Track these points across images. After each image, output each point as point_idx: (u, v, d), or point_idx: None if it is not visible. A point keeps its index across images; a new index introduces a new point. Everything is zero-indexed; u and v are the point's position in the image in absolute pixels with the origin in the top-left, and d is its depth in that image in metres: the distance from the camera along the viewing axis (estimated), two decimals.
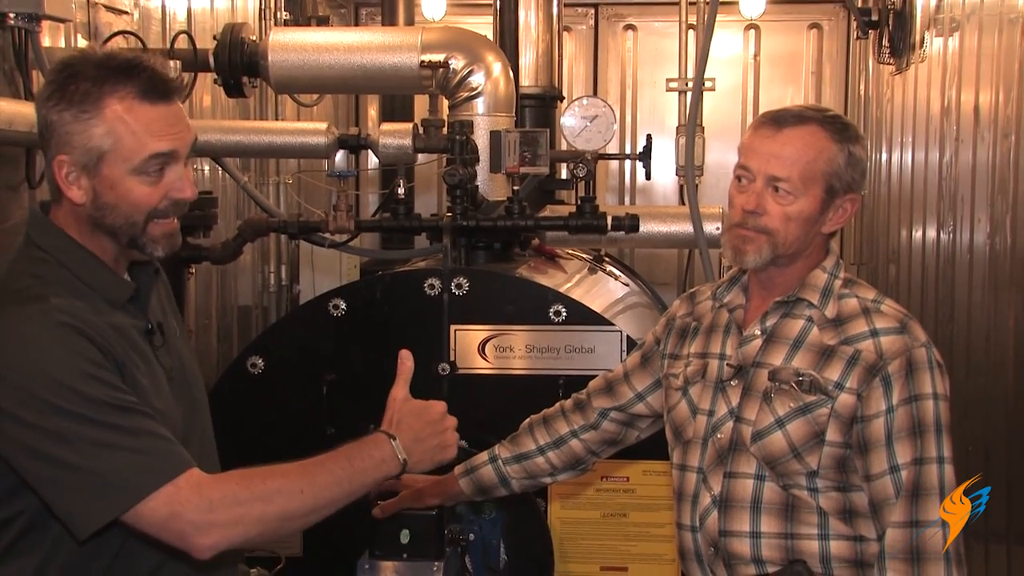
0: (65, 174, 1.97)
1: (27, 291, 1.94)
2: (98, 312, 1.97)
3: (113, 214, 1.99)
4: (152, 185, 1.99)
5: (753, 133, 2.29)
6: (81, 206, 1.99)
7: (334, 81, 4.02)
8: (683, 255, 6.77)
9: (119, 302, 2.04)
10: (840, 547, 2.22)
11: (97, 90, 1.95)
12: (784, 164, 2.22)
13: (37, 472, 1.87)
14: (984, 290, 4.23)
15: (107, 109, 1.95)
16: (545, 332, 3.28)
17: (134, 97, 1.96)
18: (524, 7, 4.57)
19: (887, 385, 2.17)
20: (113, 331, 1.97)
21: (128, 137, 1.95)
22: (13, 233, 3.38)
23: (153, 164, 1.98)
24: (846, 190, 2.26)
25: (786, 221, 2.24)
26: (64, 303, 1.92)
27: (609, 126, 3.81)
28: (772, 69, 7.49)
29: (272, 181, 6.10)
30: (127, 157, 1.96)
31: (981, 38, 4.33)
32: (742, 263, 2.30)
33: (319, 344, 3.33)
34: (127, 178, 1.97)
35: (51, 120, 1.97)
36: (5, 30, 3.30)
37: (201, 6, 5.14)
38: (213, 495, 1.91)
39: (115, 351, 1.94)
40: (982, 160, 4.27)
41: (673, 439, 2.43)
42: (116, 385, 1.90)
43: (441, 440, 2.24)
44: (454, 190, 3.54)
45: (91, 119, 1.94)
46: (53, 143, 1.98)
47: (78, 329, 1.90)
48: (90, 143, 1.95)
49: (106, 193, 1.98)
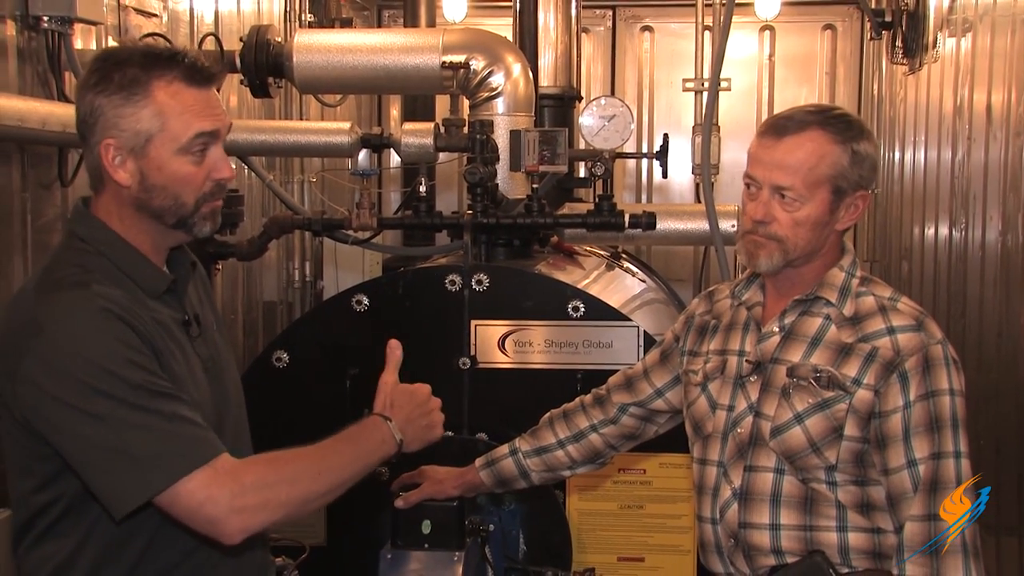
0: (112, 157, 2.01)
1: (70, 278, 1.97)
2: (136, 301, 2.00)
3: (161, 195, 2.03)
4: (196, 165, 2.04)
5: (757, 142, 2.28)
6: (127, 189, 2.03)
7: (357, 81, 4.03)
8: (699, 252, 6.75)
9: (156, 292, 2.07)
10: (858, 539, 2.21)
11: (145, 75, 2.00)
12: (787, 173, 2.21)
13: (77, 453, 1.90)
14: (996, 287, 4.20)
15: (156, 91, 2.00)
16: (563, 327, 3.28)
17: (180, 81, 2.02)
18: (543, 9, 4.56)
19: (904, 381, 2.16)
20: (151, 320, 2.00)
21: (175, 118, 2.01)
22: (46, 230, 3.40)
23: (198, 144, 2.03)
24: (855, 188, 2.25)
25: (795, 227, 2.23)
26: (105, 290, 1.95)
27: (626, 125, 3.80)
28: (787, 69, 7.46)
29: (297, 179, 6.12)
30: (174, 137, 2.01)
31: (993, 38, 4.30)
32: (756, 268, 2.30)
33: (342, 339, 3.34)
34: (174, 158, 2.02)
35: (97, 104, 2.00)
36: (39, 33, 3.32)
37: (228, 9, 5.16)
38: (246, 479, 1.93)
39: (152, 339, 1.97)
40: (994, 159, 4.24)
41: (693, 434, 2.42)
42: (153, 371, 1.93)
43: (429, 420, 2.32)
44: (474, 188, 3.54)
45: (140, 101, 1.99)
46: (99, 127, 2.01)
47: (119, 315, 1.93)
48: (139, 125, 2.00)
49: (153, 174, 2.02)
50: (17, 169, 3.27)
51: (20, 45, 3.26)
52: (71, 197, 3.53)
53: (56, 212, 3.47)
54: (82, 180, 3.55)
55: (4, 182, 3.22)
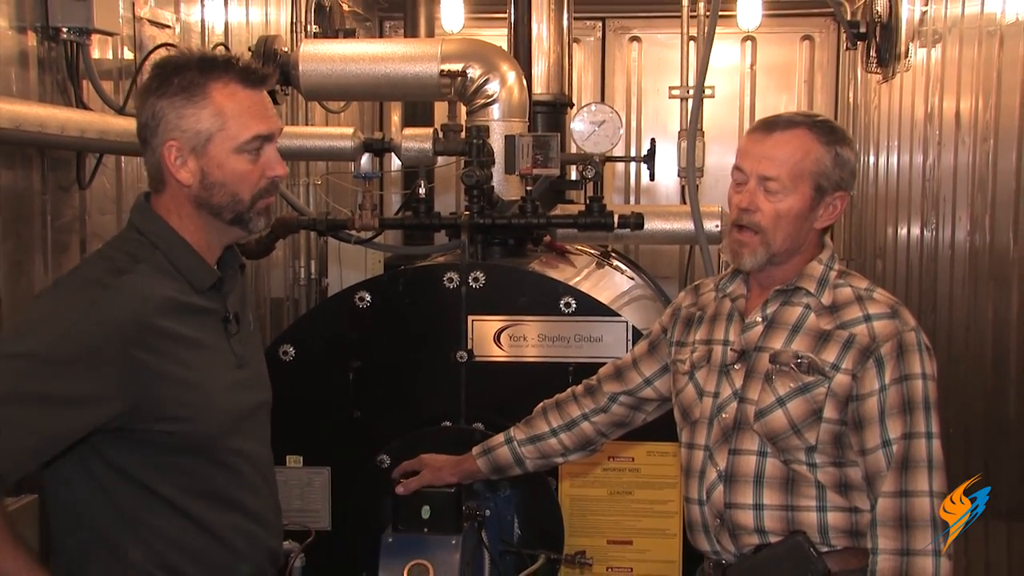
0: (174, 158, 2.03)
1: (114, 263, 2.01)
2: (181, 291, 2.02)
3: (220, 192, 2.05)
4: (253, 163, 2.07)
5: (747, 138, 2.33)
6: (188, 187, 2.05)
7: (360, 89, 4.03)
8: (684, 251, 6.76)
9: (203, 287, 2.08)
10: (837, 518, 2.24)
11: (203, 78, 2.03)
12: (774, 164, 2.25)
13: None
14: (964, 284, 4.21)
15: (214, 93, 2.03)
16: (556, 322, 3.28)
17: (236, 83, 2.05)
18: (537, 20, 4.56)
19: (880, 366, 2.19)
20: (179, 308, 2.00)
21: (233, 119, 2.03)
22: (65, 230, 3.39)
23: (254, 144, 2.06)
24: (835, 188, 2.28)
25: (776, 218, 2.25)
26: (136, 279, 1.97)
27: (616, 131, 3.80)
28: (767, 78, 7.46)
29: (302, 182, 6.10)
30: (233, 136, 2.04)
31: (962, 49, 4.31)
32: (740, 266, 2.32)
33: (346, 333, 3.34)
34: (232, 156, 2.04)
35: (159, 108, 2.03)
36: (58, 43, 3.31)
37: (237, 20, 5.14)
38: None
39: (150, 334, 1.95)
40: (962, 163, 4.25)
41: (681, 420, 2.44)
42: (78, 394, 1.89)
43: None
44: (471, 190, 3.54)
45: (200, 102, 2.02)
46: (160, 130, 2.03)
47: (114, 325, 1.91)
48: (199, 125, 2.02)
49: (213, 172, 2.04)
50: (37, 172, 3.27)
51: (40, 55, 3.26)
52: (88, 199, 3.52)
53: (74, 213, 3.46)
54: (98, 183, 3.55)
55: (25, 185, 3.21)
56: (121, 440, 1.97)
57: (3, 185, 3.09)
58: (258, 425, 2.22)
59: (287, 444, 3.26)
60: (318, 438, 3.32)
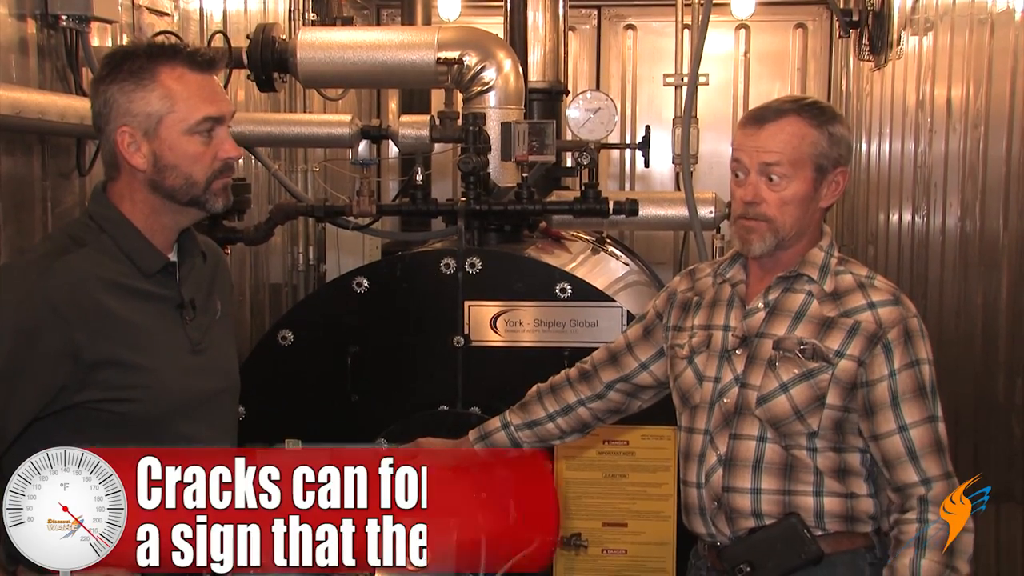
0: (127, 143, 2.04)
1: (56, 244, 2.04)
2: (126, 275, 2.03)
3: (173, 174, 2.06)
4: (205, 145, 2.07)
5: (740, 132, 2.31)
6: (143, 172, 2.05)
7: (357, 76, 4.01)
8: (679, 237, 6.75)
9: (150, 271, 2.08)
10: (832, 503, 2.24)
11: (151, 63, 2.04)
12: (772, 155, 2.24)
13: None
14: (955, 270, 4.21)
15: (163, 76, 2.04)
16: (552, 308, 3.28)
17: (184, 67, 2.06)
18: (532, 8, 4.54)
19: (888, 352, 2.20)
20: (122, 289, 2.02)
21: (182, 101, 2.04)
22: (65, 216, 3.39)
23: (205, 125, 2.06)
24: (835, 165, 2.28)
25: (782, 206, 2.25)
26: (77, 260, 1.99)
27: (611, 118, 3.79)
28: (761, 66, 7.44)
29: (300, 169, 6.09)
30: (183, 118, 2.04)
31: (953, 37, 4.30)
32: (750, 252, 2.31)
33: (344, 318, 3.33)
34: (183, 138, 2.05)
35: (110, 94, 2.04)
36: (58, 31, 3.30)
37: (236, 8, 5.12)
38: None
39: (90, 313, 1.96)
40: (953, 149, 4.25)
41: (680, 404, 2.43)
42: (9, 362, 1.92)
43: None
44: (468, 177, 3.53)
45: (149, 85, 2.03)
46: (113, 116, 2.04)
47: (51, 305, 1.93)
48: (149, 108, 2.03)
49: (165, 154, 2.05)
50: (38, 159, 3.26)
51: (40, 42, 3.25)
52: (88, 185, 3.51)
53: (74, 200, 3.46)
54: (98, 169, 3.53)
55: (26, 171, 3.21)
56: (63, 422, 1.97)
57: (4, 172, 3.09)
58: (215, 412, 2.19)
59: (285, 428, 3.25)
60: (316, 422, 3.31)
